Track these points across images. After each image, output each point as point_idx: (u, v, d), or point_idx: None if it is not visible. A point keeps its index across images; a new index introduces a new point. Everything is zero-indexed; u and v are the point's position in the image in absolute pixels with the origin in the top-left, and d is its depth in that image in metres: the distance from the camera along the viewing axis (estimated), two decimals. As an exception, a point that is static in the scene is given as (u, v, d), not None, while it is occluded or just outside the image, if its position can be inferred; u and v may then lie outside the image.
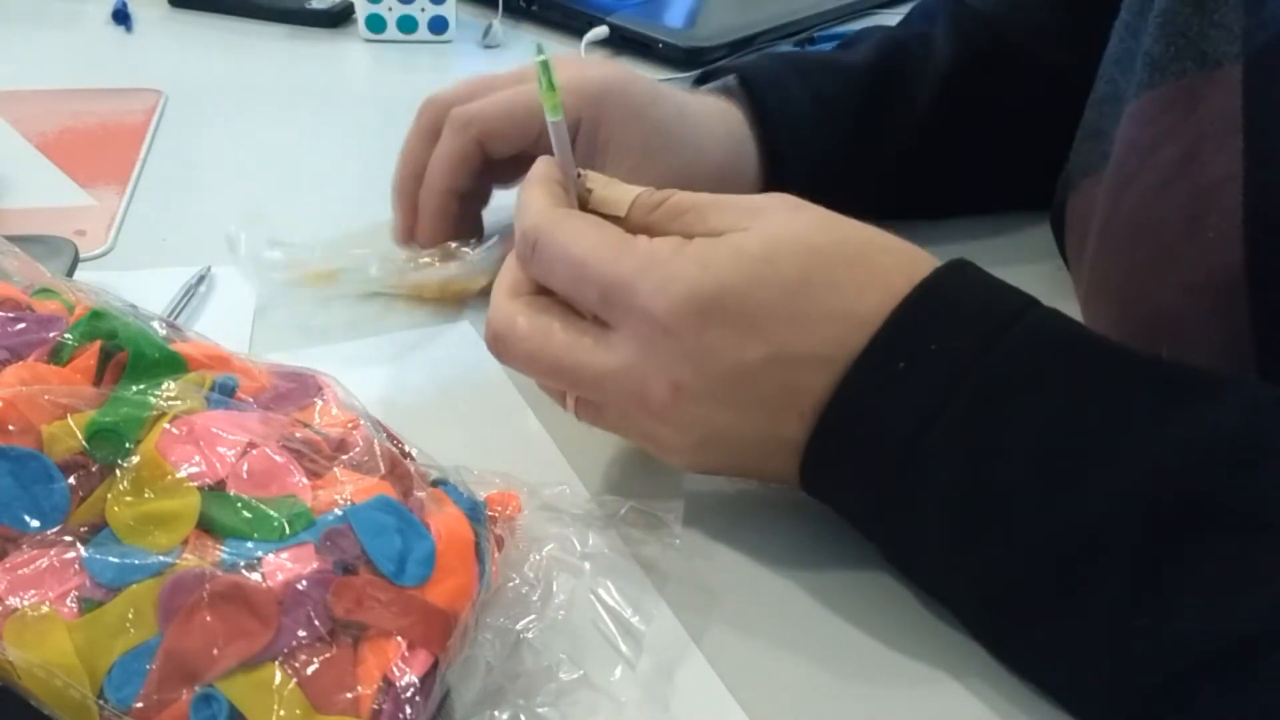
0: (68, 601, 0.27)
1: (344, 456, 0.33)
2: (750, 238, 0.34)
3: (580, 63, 0.64)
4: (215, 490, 0.30)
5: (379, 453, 0.33)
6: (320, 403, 0.35)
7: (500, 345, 0.37)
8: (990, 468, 0.31)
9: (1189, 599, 0.29)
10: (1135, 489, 0.30)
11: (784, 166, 0.52)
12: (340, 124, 0.72)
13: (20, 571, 0.27)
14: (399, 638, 0.28)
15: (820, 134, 0.53)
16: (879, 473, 0.33)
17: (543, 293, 0.37)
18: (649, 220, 0.37)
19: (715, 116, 0.52)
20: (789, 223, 0.35)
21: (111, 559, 0.28)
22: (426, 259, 0.50)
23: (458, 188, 0.50)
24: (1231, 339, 0.35)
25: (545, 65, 0.36)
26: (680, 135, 0.49)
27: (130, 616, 0.27)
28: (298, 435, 0.32)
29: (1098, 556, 0.30)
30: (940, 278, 0.34)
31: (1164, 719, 0.29)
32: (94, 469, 0.29)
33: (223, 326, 0.48)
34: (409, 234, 0.52)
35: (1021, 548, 0.31)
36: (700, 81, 0.57)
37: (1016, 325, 0.33)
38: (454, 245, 0.50)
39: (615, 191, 0.38)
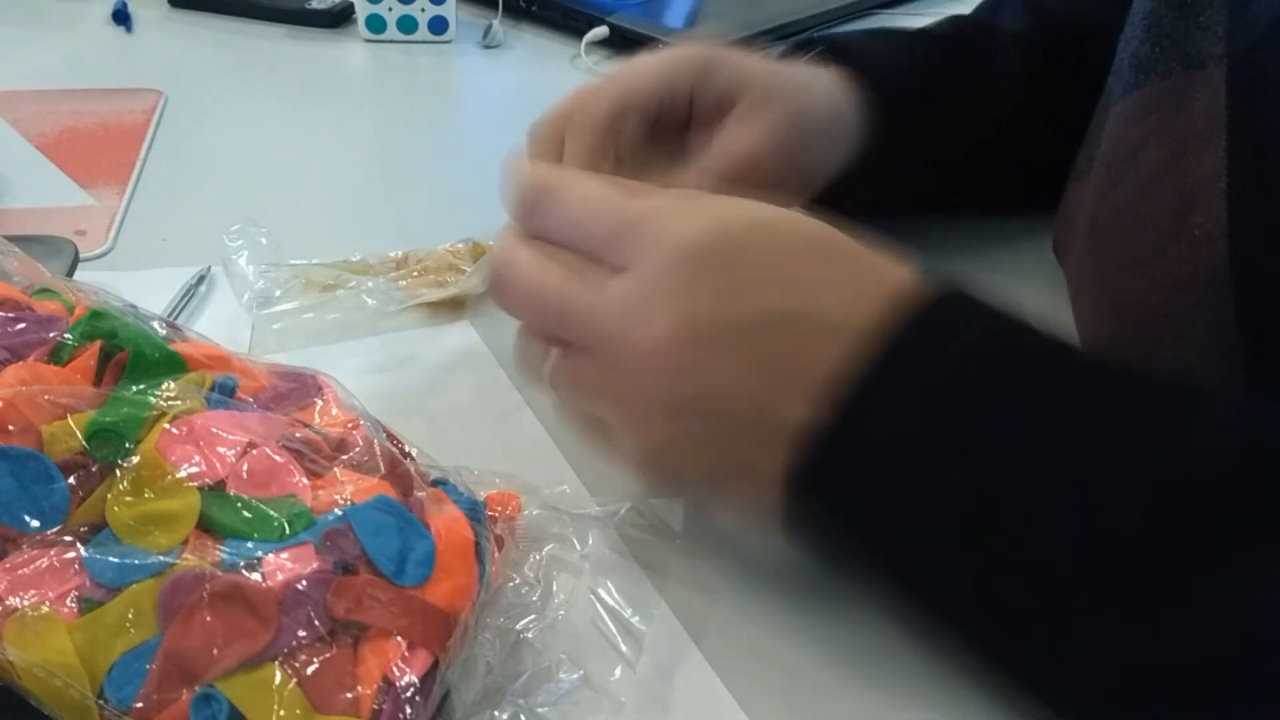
0: (68, 601, 0.27)
1: (344, 456, 0.33)
2: (770, 206, 0.33)
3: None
4: (215, 490, 0.30)
5: (379, 453, 0.33)
6: (320, 403, 0.35)
7: (501, 276, 0.35)
8: (985, 492, 0.29)
9: (1185, 614, 0.28)
10: (1128, 508, 0.28)
11: (881, 98, 0.48)
12: (340, 124, 0.72)
13: (20, 571, 0.27)
14: (399, 638, 0.28)
15: (911, 80, 0.50)
16: (874, 492, 0.31)
17: None
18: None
19: (809, 71, 0.49)
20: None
21: (111, 559, 0.28)
22: (423, 290, 0.50)
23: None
24: (1217, 334, 0.35)
25: None
26: (792, 82, 0.46)
27: (130, 616, 0.27)
28: (298, 435, 0.32)
29: (1094, 575, 0.29)
30: (929, 307, 0.32)
31: None
32: (94, 469, 0.29)
33: (223, 326, 0.48)
34: None
35: (1018, 570, 0.29)
36: None
37: (1004, 354, 0.31)
38: (448, 276, 0.50)
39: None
